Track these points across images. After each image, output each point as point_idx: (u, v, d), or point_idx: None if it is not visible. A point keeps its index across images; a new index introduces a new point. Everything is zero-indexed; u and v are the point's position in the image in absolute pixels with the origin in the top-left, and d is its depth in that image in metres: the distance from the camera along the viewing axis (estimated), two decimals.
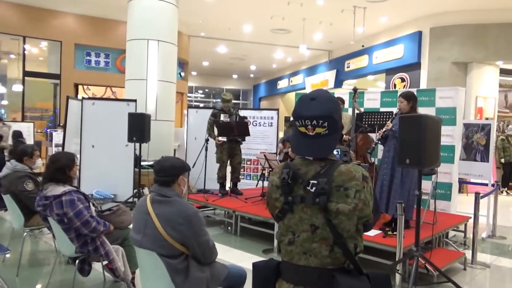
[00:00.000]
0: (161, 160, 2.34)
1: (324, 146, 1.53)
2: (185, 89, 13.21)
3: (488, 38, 9.26)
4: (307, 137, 1.52)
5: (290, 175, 1.52)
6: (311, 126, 1.49)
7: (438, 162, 3.35)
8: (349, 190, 1.44)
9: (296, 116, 1.53)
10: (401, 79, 10.90)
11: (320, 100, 1.53)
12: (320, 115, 1.48)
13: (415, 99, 4.29)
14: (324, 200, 1.44)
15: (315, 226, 1.48)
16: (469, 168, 5.63)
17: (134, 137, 5.94)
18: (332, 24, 11.08)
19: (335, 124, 1.52)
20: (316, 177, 1.48)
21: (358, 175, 1.47)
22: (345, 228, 1.46)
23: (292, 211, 1.54)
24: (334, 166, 1.49)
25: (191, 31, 12.45)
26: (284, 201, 1.54)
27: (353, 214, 1.45)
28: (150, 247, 2.18)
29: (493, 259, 4.66)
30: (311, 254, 1.50)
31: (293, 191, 1.53)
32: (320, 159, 1.54)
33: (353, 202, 1.44)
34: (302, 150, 1.57)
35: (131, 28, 7.86)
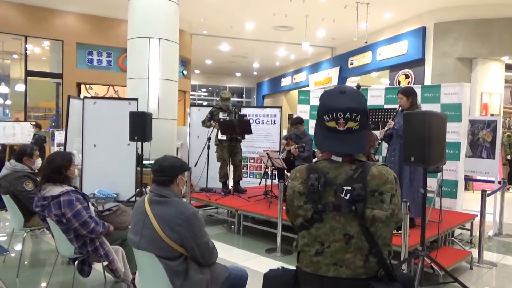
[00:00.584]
0: (159, 160, 2.29)
1: (357, 142, 1.41)
2: (188, 87, 13.17)
3: (493, 33, 9.14)
4: (337, 132, 1.41)
5: (321, 181, 1.39)
6: (343, 119, 1.39)
7: (444, 159, 3.27)
8: (384, 195, 1.36)
9: (326, 109, 1.42)
10: (405, 75, 10.79)
11: (352, 93, 1.44)
12: (355, 107, 1.39)
13: (414, 94, 4.23)
14: (362, 207, 1.34)
15: (349, 235, 1.38)
16: (475, 165, 5.54)
17: (135, 136, 5.89)
18: (335, 21, 10.98)
19: (367, 120, 1.44)
20: (350, 182, 1.37)
21: (391, 178, 1.39)
22: (381, 236, 1.38)
23: (321, 220, 1.41)
24: (367, 169, 1.38)
25: (193, 29, 12.39)
26: (314, 210, 1.41)
27: (391, 220, 1.37)
28: (148, 249, 2.13)
29: (500, 258, 4.58)
30: (342, 265, 1.39)
31: (322, 198, 1.40)
32: (350, 160, 1.43)
33: (389, 208, 1.35)
34: (332, 146, 1.44)
35: (132, 27, 7.81)
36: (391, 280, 1.40)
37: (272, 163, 5.39)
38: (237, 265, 3.54)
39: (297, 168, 1.54)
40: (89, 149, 6.66)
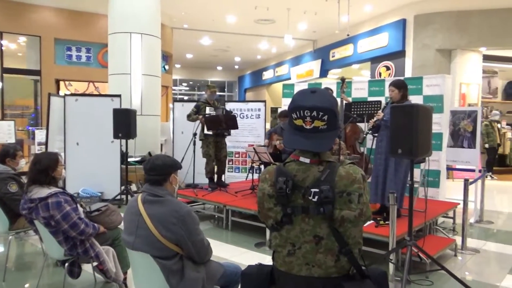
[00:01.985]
0: (152, 159, 2.27)
1: (322, 141, 1.42)
2: (170, 82, 13.03)
3: (471, 25, 9.33)
4: (303, 130, 1.43)
5: (289, 184, 1.39)
6: (310, 118, 1.40)
7: (430, 151, 3.35)
8: (352, 195, 1.37)
9: (294, 106, 1.44)
10: (386, 67, 10.93)
11: (322, 93, 1.46)
12: (321, 106, 1.40)
13: (405, 87, 4.28)
14: (330, 209, 1.35)
15: (319, 236, 1.40)
16: (456, 155, 5.68)
17: (119, 133, 5.82)
18: (317, 14, 11.01)
19: (335, 121, 1.43)
20: (317, 184, 1.37)
21: (359, 177, 1.40)
22: (351, 235, 1.40)
23: (291, 222, 1.43)
24: (334, 170, 1.39)
25: (174, 23, 12.24)
26: (283, 213, 1.42)
27: (359, 220, 1.39)
28: (143, 249, 2.11)
29: (482, 244, 4.73)
30: (314, 264, 1.42)
31: (291, 200, 1.41)
32: (318, 161, 1.44)
33: (357, 207, 1.37)
34: (297, 144, 1.46)
35: (112, 22, 7.67)
36: (363, 277, 1.44)
37: (259, 158, 5.41)
38: (226, 260, 3.55)
39: (267, 169, 1.54)
40: (71, 147, 6.53)
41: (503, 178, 9.93)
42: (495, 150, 9.89)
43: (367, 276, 1.45)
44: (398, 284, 3.40)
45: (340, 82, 5.94)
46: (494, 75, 10.91)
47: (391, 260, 3.54)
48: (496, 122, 9.89)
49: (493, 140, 9.70)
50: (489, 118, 10.00)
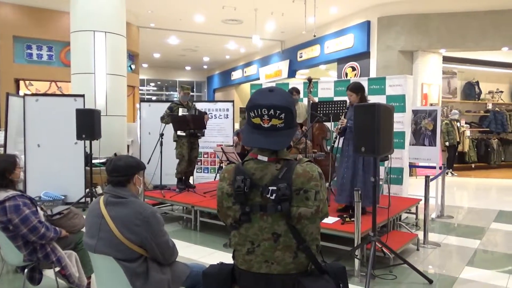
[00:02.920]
0: (114, 159, 2.22)
1: (280, 139, 1.44)
2: (137, 82, 12.77)
3: (431, 28, 9.69)
4: (261, 129, 1.45)
5: (246, 183, 1.40)
6: (267, 116, 1.42)
7: (392, 149, 3.45)
8: (309, 192, 1.39)
9: (251, 105, 1.45)
10: (352, 68, 11.18)
11: (279, 92, 1.48)
12: (279, 105, 1.42)
13: (362, 89, 4.38)
14: (287, 206, 1.37)
15: (277, 234, 1.42)
16: (418, 153, 5.89)
17: (83, 134, 5.66)
18: (284, 14, 11.11)
19: (292, 119, 1.46)
20: (275, 182, 1.40)
21: (316, 175, 1.42)
22: (308, 232, 1.43)
23: (249, 221, 1.45)
24: (291, 168, 1.42)
25: (140, 22, 12.01)
26: (241, 212, 1.44)
27: (316, 216, 1.42)
28: (106, 252, 2.07)
29: (443, 238, 4.92)
30: (273, 262, 1.44)
31: (249, 199, 1.43)
32: (276, 159, 1.46)
33: (314, 204, 1.40)
34: (254, 142, 1.48)
35: (75, 19, 7.44)
36: (322, 273, 1.48)
37: (227, 157, 5.40)
38: (195, 261, 3.53)
39: (226, 168, 1.56)
40: (32, 149, 6.29)
41: (463, 175, 10.37)
42: (455, 148, 10.31)
43: (325, 271, 1.48)
44: (363, 279, 3.48)
45: (307, 82, 6.03)
46: (454, 76, 11.37)
47: (357, 256, 3.63)
48: (455, 121, 10.32)
49: (453, 138, 10.11)
50: (449, 117, 10.42)
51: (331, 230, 3.99)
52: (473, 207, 7.14)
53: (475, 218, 6.17)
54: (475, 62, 11.12)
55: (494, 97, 12.14)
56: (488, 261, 4.26)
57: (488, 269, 3.93)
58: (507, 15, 9.12)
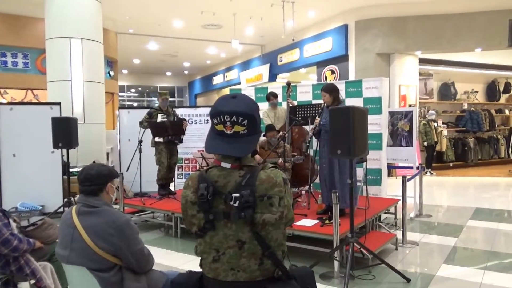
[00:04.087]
0: (85, 169, 2.20)
1: (242, 146, 1.45)
2: (116, 88, 12.62)
3: (407, 30, 9.90)
4: (224, 135, 1.45)
5: (209, 190, 1.40)
6: (230, 123, 1.42)
7: (367, 150, 3.50)
8: (272, 199, 1.39)
9: (214, 112, 1.45)
10: (331, 71, 11.31)
11: (242, 98, 1.48)
12: (241, 111, 1.42)
13: (336, 90, 4.47)
14: (250, 213, 1.37)
15: (242, 241, 1.42)
16: (395, 154, 5.98)
17: (60, 143, 5.55)
18: (263, 19, 11.16)
19: (255, 125, 1.46)
20: (238, 189, 1.39)
21: (279, 180, 1.42)
22: (273, 238, 1.42)
23: (214, 228, 1.44)
24: (255, 174, 1.41)
25: (118, 28, 11.89)
26: (205, 220, 1.44)
27: (280, 222, 1.41)
28: (79, 262, 2.04)
29: (421, 237, 5.01)
30: (239, 269, 1.44)
31: (213, 206, 1.43)
32: (239, 166, 1.45)
33: (278, 210, 1.39)
34: (217, 149, 1.48)
35: (50, 26, 7.32)
36: (289, 278, 1.48)
37: (207, 163, 5.38)
38: (176, 269, 3.50)
39: (190, 176, 1.56)
40: (7, 159, 6.15)
41: (442, 174, 10.59)
42: (433, 148, 10.52)
43: (292, 277, 1.48)
44: (343, 280, 3.51)
45: (286, 86, 6.08)
46: (430, 77, 11.62)
47: (336, 257, 3.67)
48: (433, 121, 10.53)
49: (431, 138, 10.31)
50: (426, 118, 10.64)
51: (311, 232, 4.02)
52: (451, 205, 7.30)
53: (452, 216, 6.30)
54: (450, 64, 11.40)
55: (469, 97, 12.45)
56: (465, 258, 4.36)
57: (465, 266, 4.02)
58: (479, 17, 9.39)
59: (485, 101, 12.91)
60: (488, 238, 5.02)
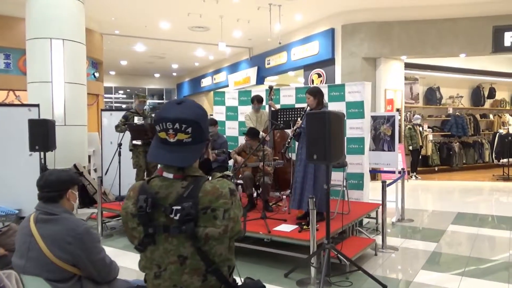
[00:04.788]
0: (45, 174, 2.12)
1: (186, 155, 1.37)
2: (101, 90, 12.44)
3: (392, 35, 9.95)
4: (167, 144, 1.37)
5: (148, 203, 1.32)
6: (172, 130, 1.34)
7: (344, 156, 3.47)
8: (217, 211, 1.32)
9: (157, 118, 1.38)
10: (318, 74, 11.32)
11: (187, 105, 1.41)
12: (185, 118, 1.34)
13: (320, 93, 4.45)
14: (191, 227, 1.29)
15: (183, 256, 1.34)
16: (378, 158, 5.98)
17: (36, 146, 5.44)
18: (250, 22, 11.13)
19: (200, 133, 1.39)
20: (180, 201, 1.31)
21: (225, 192, 1.35)
22: (216, 253, 1.35)
23: (154, 243, 1.36)
24: (199, 185, 1.34)
25: (103, 29, 11.75)
26: (144, 233, 1.36)
27: (224, 237, 1.34)
28: (35, 273, 1.96)
29: (401, 242, 5.00)
30: (182, 286, 1.36)
31: (153, 219, 1.35)
32: (182, 176, 1.38)
33: (222, 224, 1.32)
34: (159, 158, 1.40)
35: (30, 26, 7.18)
36: None
37: None
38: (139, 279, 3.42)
39: (133, 186, 1.48)
40: None
41: (427, 178, 10.64)
42: (418, 152, 10.56)
43: None
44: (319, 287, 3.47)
45: (268, 90, 6.05)
46: (416, 82, 11.68)
47: (313, 264, 3.62)
48: (418, 125, 10.58)
49: (416, 143, 10.35)
50: (412, 122, 10.68)
51: (288, 238, 3.98)
52: (434, 209, 7.32)
53: (434, 220, 6.31)
54: (436, 68, 11.49)
55: (454, 102, 12.55)
56: (443, 264, 4.34)
57: (442, 272, 4.01)
58: (463, 23, 9.47)
59: (470, 106, 13.03)
60: (468, 243, 5.03)
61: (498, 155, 10.73)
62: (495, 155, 10.96)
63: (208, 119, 1.44)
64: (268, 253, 4.20)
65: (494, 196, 8.74)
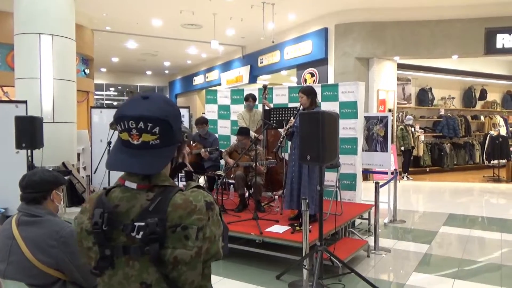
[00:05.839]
0: (28, 174, 2.03)
1: (152, 160, 1.12)
2: (91, 87, 12.27)
3: (386, 35, 9.93)
4: (130, 146, 1.12)
5: (104, 218, 1.08)
6: (136, 130, 1.10)
7: (337, 157, 3.42)
8: (189, 230, 1.07)
9: (117, 116, 1.13)
10: (311, 74, 11.27)
11: (155, 100, 1.15)
12: (150, 116, 1.10)
13: (313, 93, 4.41)
14: (156, 248, 1.05)
15: (146, 284, 1.10)
16: (370, 159, 5.95)
17: (23, 143, 5.32)
18: (243, 20, 11.05)
19: (171, 134, 1.14)
20: (144, 217, 1.07)
21: (200, 206, 1.10)
22: (187, 281, 1.10)
23: (113, 267, 1.12)
24: (168, 197, 1.09)
25: (94, 25, 11.58)
26: (100, 255, 1.11)
27: (197, 261, 1.09)
28: (16, 277, 1.88)
29: (394, 243, 4.97)
30: None
31: (112, 239, 1.10)
32: (148, 186, 1.13)
33: (195, 245, 1.07)
34: (116, 164, 1.13)
35: (18, 21, 7.03)
36: None
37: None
38: None
39: (90, 197, 1.22)
40: None
41: (418, 178, 10.66)
42: (410, 153, 10.58)
43: None
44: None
45: (262, 89, 5.99)
46: (408, 82, 11.71)
47: (305, 266, 3.57)
48: (410, 126, 10.60)
49: (408, 143, 10.37)
50: (404, 123, 10.70)
51: (280, 239, 3.92)
52: (426, 210, 7.33)
53: (426, 222, 6.30)
54: (428, 69, 11.51)
55: (446, 103, 12.60)
56: (436, 266, 4.32)
57: (434, 274, 3.98)
58: (456, 25, 9.49)
59: (462, 107, 13.09)
60: (460, 244, 5.02)
61: (488, 156, 10.78)
62: (485, 156, 11.01)
63: (180, 117, 1.20)
64: (259, 254, 4.14)
65: (485, 197, 8.78)
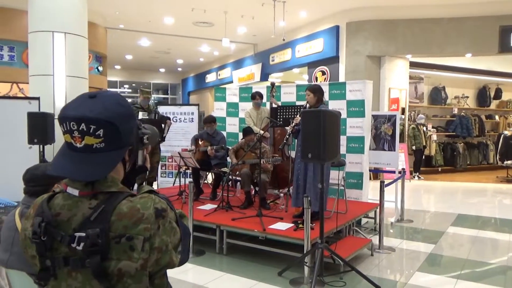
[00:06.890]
0: (31, 169, 2.12)
1: (94, 165, 1.04)
2: (105, 84, 12.47)
3: (397, 33, 9.84)
4: (73, 149, 1.05)
5: (42, 228, 1.02)
6: (78, 132, 1.02)
7: (338, 155, 3.43)
8: (134, 240, 1.00)
9: (59, 116, 1.06)
10: (322, 72, 11.24)
11: (101, 99, 1.06)
12: (93, 117, 1.01)
13: (320, 91, 4.41)
14: (97, 261, 0.98)
15: None
16: (378, 157, 5.92)
17: (35, 139, 5.46)
18: (254, 18, 11.07)
19: (118, 137, 1.05)
20: (85, 227, 1.00)
21: (148, 214, 1.02)
22: None
23: (55, 277, 1.05)
24: (112, 205, 1.02)
25: (108, 23, 11.75)
26: (41, 267, 1.06)
27: (142, 274, 1.01)
28: (18, 267, 1.95)
29: (399, 243, 4.95)
30: None
31: (53, 249, 1.04)
32: (91, 193, 1.05)
33: (140, 257, 1.00)
34: (58, 168, 1.07)
35: (33, 19, 7.18)
36: None
37: (185, 163, 5.30)
38: None
39: (35, 202, 1.15)
40: None
41: (430, 178, 10.55)
42: (422, 152, 10.47)
43: None
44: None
45: (270, 87, 6.02)
46: (421, 81, 11.57)
47: (306, 263, 3.59)
48: (422, 125, 10.49)
49: (420, 142, 10.27)
50: (416, 122, 10.59)
51: (283, 236, 3.95)
52: (435, 210, 7.26)
53: (434, 222, 6.25)
54: (442, 68, 11.36)
55: (460, 102, 12.42)
56: (439, 266, 4.30)
57: (437, 274, 3.96)
58: (469, 22, 9.35)
59: (476, 106, 12.89)
60: (466, 245, 4.97)
61: (502, 156, 10.60)
62: (499, 156, 10.82)
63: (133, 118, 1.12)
64: (262, 251, 4.18)
65: (497, 198, 8.65)
